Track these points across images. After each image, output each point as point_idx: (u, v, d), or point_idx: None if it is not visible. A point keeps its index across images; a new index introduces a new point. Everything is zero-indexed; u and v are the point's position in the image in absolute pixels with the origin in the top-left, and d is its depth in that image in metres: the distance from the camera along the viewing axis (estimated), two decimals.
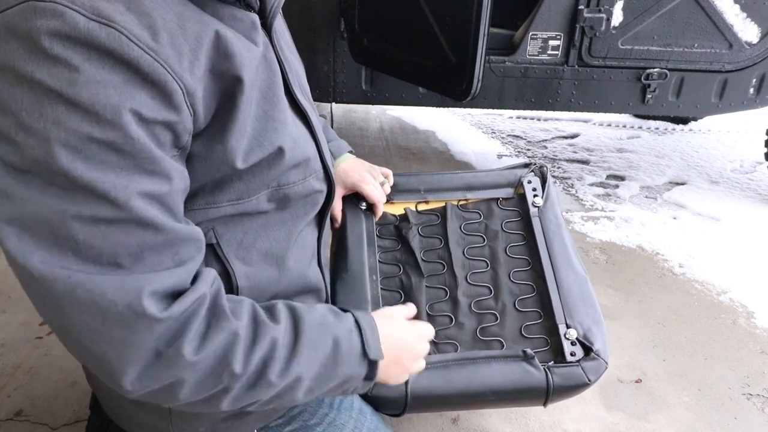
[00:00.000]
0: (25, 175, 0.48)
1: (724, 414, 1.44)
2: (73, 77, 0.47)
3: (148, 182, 0.51)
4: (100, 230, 0.49)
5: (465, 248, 1.06)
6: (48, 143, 0.47)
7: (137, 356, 0.52)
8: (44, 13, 0.46)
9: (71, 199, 0.48)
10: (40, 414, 1.32)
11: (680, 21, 2.32)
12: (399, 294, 1.01)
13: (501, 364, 0.91)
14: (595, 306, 0.98)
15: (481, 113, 4.37)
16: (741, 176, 3.25)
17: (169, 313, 0.52)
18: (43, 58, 0.46)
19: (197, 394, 0.57)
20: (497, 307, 1.00)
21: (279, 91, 0.67)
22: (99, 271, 0.50)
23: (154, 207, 0.52)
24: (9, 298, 1.74)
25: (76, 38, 0.46)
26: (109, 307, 0.50)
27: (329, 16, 2.40)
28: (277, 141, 0.65)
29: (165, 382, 0.54)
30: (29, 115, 0.47)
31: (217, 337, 0.56)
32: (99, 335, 0.51)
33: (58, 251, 0.49)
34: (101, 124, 0.48)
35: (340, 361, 0.66)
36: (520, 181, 1.12)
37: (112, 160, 0.49)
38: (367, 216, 1.08)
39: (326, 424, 0.83)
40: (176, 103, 0.52)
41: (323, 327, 0.66)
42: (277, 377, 0.60)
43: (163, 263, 0.53)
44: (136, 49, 0.48)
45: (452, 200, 1.12)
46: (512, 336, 0.96)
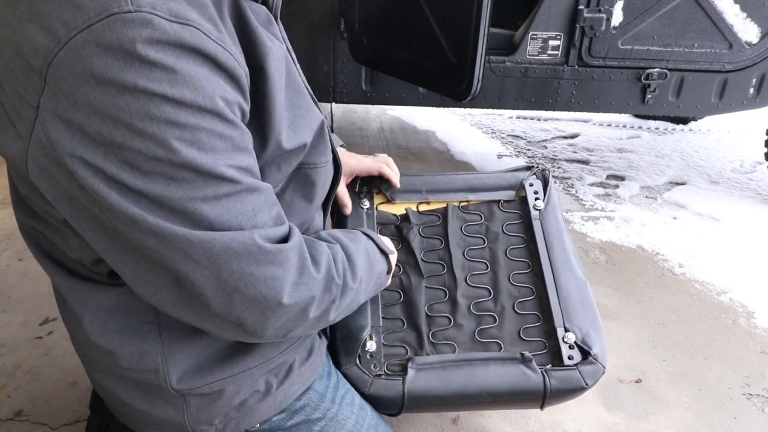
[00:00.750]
0: (151, 175, 0.52)
1: (724, 414, 1.44)
2: (172, 78, 0.50)
3: (244, 156, 0.58)
4: (223, 204, 0.56)
5: (465, 249, 1.06)
6: (166, 142, 0.51)
7: (284, 284, 0.61)
8: (133, 23, 0.48)
9: (194, 186, 0.54)
10: (40, 414, 1.32)
11: (680, 21, 2.32)
12: (398, 293, 1.01)
13: (499, 366, 0.91)
14: (594, 310, 0.98)
15: (481, 113, 4.37)
16: (741, 176, 3.25)
17: (292, 243, 0.63)
18: (140, 66, 0.49)
19: (319, 309, 0.68)
20: (496, 309, 1.00)
21: (297, 77, 0.73)
22: (237, 231, 0.57)
23: (252, 175, 0.59)
24: (9, 298, 1.74)
25: (167, 41, 0.50)
26: (259, 248, 0.58)
27: (329, 16, 2.40)
28: (307, 128, 0.71)
29: (303, 303, 0.65)
30: (141, 121, 0.50)
31: (322, 259, 0.68)
32: (253, 277, 0.59)
33: (199, 228, 0.56)
34: (204, 114, 0.53)
35: (373, 262, 0.82)
36: (521, 184, 1.12)
37: (218, 145, 0.54)
38: (369, 215, 1.08)
39: (328, 419, 0.83)
40: (243, 86, 0.57)
41: (354, 242, 0.79)
42: (352, 281, 0.74)
43: (267, 217, 0.62)
44: (212, 43, 0.53)
45: (454, 201, 1.12)
46: (510, 338, 0.97)
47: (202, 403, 0.74)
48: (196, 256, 0.56)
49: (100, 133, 0.50)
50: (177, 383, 0.71)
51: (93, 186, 0.52)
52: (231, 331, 0.64)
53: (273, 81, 0.63)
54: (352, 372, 0.91)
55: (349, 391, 0.88)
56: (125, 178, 0.52)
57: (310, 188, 0.77)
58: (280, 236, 0.63)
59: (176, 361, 0.70)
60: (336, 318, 0.75)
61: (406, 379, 0.89)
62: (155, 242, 0.55)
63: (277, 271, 0.60)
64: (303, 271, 0.64)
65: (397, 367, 0.92)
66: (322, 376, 0.86)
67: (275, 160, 0.68)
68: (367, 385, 0.90)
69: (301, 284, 0.64)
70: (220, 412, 0.75)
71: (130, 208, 0.53)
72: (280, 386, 0.79)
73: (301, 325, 0.67)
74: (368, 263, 0.80)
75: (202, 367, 0.72)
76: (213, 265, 0.57)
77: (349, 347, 0.92)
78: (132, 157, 0.51)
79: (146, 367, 0.70)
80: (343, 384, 0.88)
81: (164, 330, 0.69)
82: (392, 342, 0.96)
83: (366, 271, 0.79)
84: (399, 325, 0.98)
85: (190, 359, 0.71)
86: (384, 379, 0.90)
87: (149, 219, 0.54)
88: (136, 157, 0.51)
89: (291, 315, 0.64)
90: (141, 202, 0.53)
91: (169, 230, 0.54)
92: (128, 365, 0.70)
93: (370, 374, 0.90)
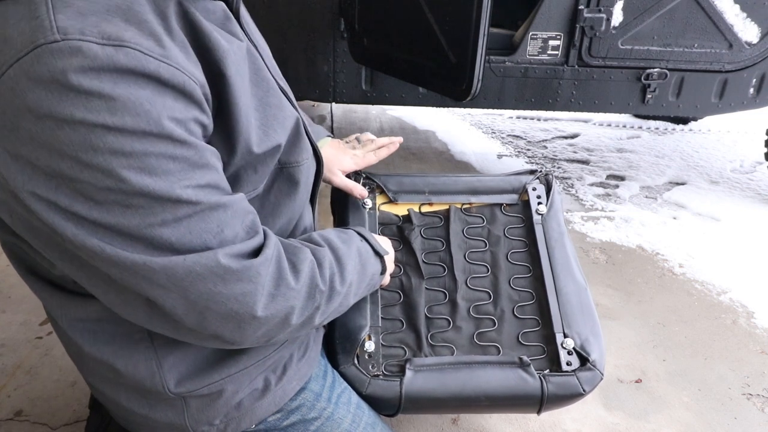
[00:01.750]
0: (104, 204, 0.51)
1: (724, 414, 1.44)
2: (111, 105, 0.48)
3: (203, 174, 0.56)
4: (184, 226, 0.55)
5: (466, 252, 1.06)
6: (114, 172, 0.49)
7: (257, 299, 0.60)
8: (62, 53, 0.46)
9: (151, 212, 0.52)
10: (40, 414, 1.32)
11: (680, 21, 2.32)
12: (398, 294, 1.01)
13: (497, 370, 0.91)
14: (594, 316, 0.98)
15: (481, 113, 4.37)
16: (741, 176, 3.25)
17: (265, 256, 0.61)
18: (76, 96, 0.47)
19: (302, 316, 0.67)
20: (496, 312, 1.00)
21: (265, 74, 0.70)
22: (200, 253, 0.56)
23: (216, 192, 0.58)
24: (9, 298, 1.74)
25: (101, 68, 0.47)
26: (224, 269, 0.57)
27: (329, 16, 2.39)
28: (280, 128, 0.69)
29: (282, 313, 0.63)
30: (85, 153, 0.49)
31: (304, 267, 0.67)
32: (222, 296, 0.58)
33: (160, 253, 0.54)
34: (151, 139, 0.50)
35: (365, 263, 0.81)
36: (524, 188, 1.12)
37: (171, 167, 0.52)
38: (370, 215, 1.08)
39: (324, 418, 0.83)
40: (197, 99, 0.55)
41: (346, 244, 0.78)
42: (340, 286, 0.73)
43: (238, 229, 0.60)
44: (153, 61, 0.50)
45: (456, 203, 1.12)
46: (509, 342, 0.96)
47: (202, 404, 0.74)
48: (160, 281, 0.55)
49: (48, 166, 0.49)
50: (175, 387, 0.71)
51: (49, 219, 0.51)
52: (211, 342, 0.64)
53: (235, 85, 0.60)
54: (349, 372, 0.91)
55: (345, 390, 0.88)
56: (79, 209, 0.51)
57: (295, 186, 0.76)
58: (252, 249, 0.61)
59: (171, 366, 0.70)
60: (324, 321, 0.75)
61: (404, 381, 0.89)
62: (118, 271, 0.54)
63: (247, 287, 0.59)
64: (280, 282, 0.63)
65: (395, 367, 0.92)
66: (318, 376, 0.86)
67: (249, 163, 0.66)
68: (364, 385, 0.90)
69: (278, 296, 0.62)
70: (221, 412, 0.75)
71: (88, 239, 0.52)
72: (278, 383, 0.79)
73: (283, 332, 0.67)
74: (360, 265, 0.79)
75: (200, 369, 0.72)
76: (179, 289, 0.56)
77: (347, 347, 0.92)
78: (83, 189, 0.50)
79: (142, 374, 0.70)
80: (339, 383, 0.88)
81: (156, 337, 0.69)
82: (391, 342, 0.95)
83: (357, 272, 0.78)
84: (398, 326, 0.98)
85: (185, 363, 0.71)
86: (381, 380, 0.90)
87: (107, 249, 0.52)
88: (87, 189, 0.50)
89: (270, 325, 0.64)
90: (98, 232, 0.52)
91: (129, 259, 0.53)
92: (124, 373, 0.70)
93: (368, 374, 0.90)
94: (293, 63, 2.46)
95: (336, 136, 1.16)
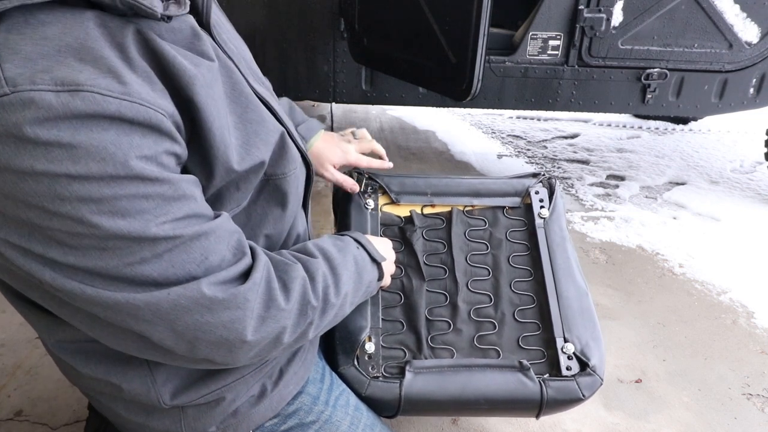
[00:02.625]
0: (80, 249, 0.50)
1: (724, 414, 1.44)
2: (72, 154, 0.46)
3: (181, 206, 0.54)
4: (165, 260, 0.53)
5: (468, 255, 1.06)
6: (84, 219, 0.48)
7: (246, 324, 0.59)
8: (13, 106, 0.44)
9: (129, 252, 0.51)
10: (40, 414, 1.32)
11: (680, 21, 2.32)
12: (399, 296, 1.01)
13: (496, 373, 0.91)
14: (595, 321, 0.98)
15: (481, 113, 4.37)
16: (741, 176, 3.25)
17: (253, 280, 0.60)
18: (34, 149, 0.45)
19: (294, 334, 0.66)
20: (496, 315, 1.00)
21: (244, 88, 0.67)
22: (184, 285, 0.55)
23: (196, 221, 0.56)
24: None
25: (56, 117, 0.45)
26: (210, 300, 0.56)
27: (329, 16, 2.39)
28: (263, 145, 0.66)
29: (273, 335, 0.63)
30: (51, 203, 0.47)
31: (294, 286, 0.65)
32: (210, 325, 0.57)
33: (143, 289, 0.53)
34: (119, 182, 0.49)
35: (362, 272, 0.80)
36: (527, 191, 1.12)
37: (145, 206, 0.51)
38: (372, 216, 1.08)
39: (322, 422, 0.83)
40: (167, 131, 0.52)
41: (342, 251, 0.77)
42: (335, 298, 0.72)
43: (225, 252, 0.59)
44: (113, 102, 0.47)
45: (458, 205, 1.12)
46: (509, 346, 0.96)
47: (199, 413, 0.74)
48: (145, 317, 0.54)
49: (17, 216, 0.48)
50: (171, 400, 0.70)
51: (25, 266, 0.50)
52: (204, 365, 0.64)
53: (206, 110, 0.57)
54: (349, 373, 0.90)
55: (343, 392, 0.88)
56: (54, 255, 0.50)
57: (283, 196, 0.74)
58: (239, 273, 0.60)
59: (165, 380, 0.70)
60: (318, 334, 0.74)
61: (404, 382, 0.89)
62: (101, 310, 0.53)
63: (235, 314, 0.58)
64: (270, 304, 0.62)
65: (394, 369, 0.92)
66: (315, 380, 0.86)
67: (231, 182, 0.64)
68: (364, 386, 0.90)
69: (268, 318, 0.61)
70: (217, 419, 0.75)
71: (67, 282, 0.51)
72: (274, 388, 0.79)
73: (276, 350, 0.66)
74: (356, 274, 0.78)
75: (195, 381, 0.71)
76: (165, 322, 0.55)
77: (347, 348, 0.92)
78: (55, 236, 0.49)
79: (136, 390, 0.69)
80: (337, 386, 0.88)
81: None
82: (391, 344, 0.95)
83: (353, 282, 0.77)
84: (398, 328, 0.98)
85: (179, 377, 0.70)
86: (381, 381, 0.90)
87: (88, 291, 0.51)
88: (59, 235, 0.49)
89: (262, 346, 0.63)
90: (77, 275, 0.51)
91: (111, 299, 0.52)
92: (119, 390, 0.69)
93: (368, 376, 0.90)
94: (293, 63, 2.46)
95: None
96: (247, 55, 0.77)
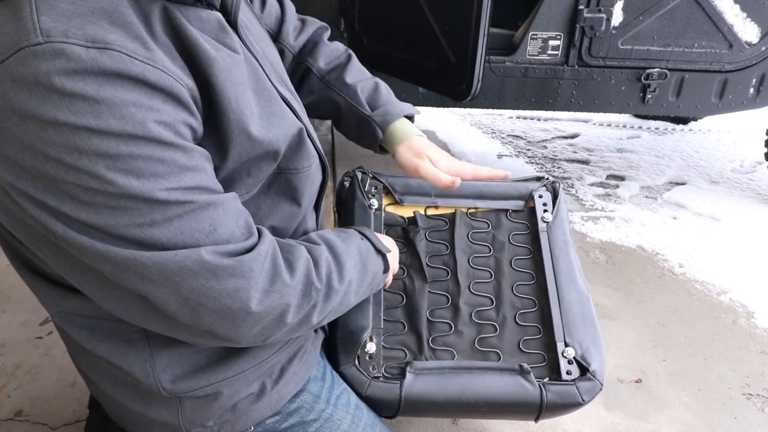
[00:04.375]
0: (92, 205, 0.51)
1: (724, 414, 1.44)
2: (95, 108, 0.48)
3: (193, 176, 0.55)
4: (175, 226, 0.54)
5: (470, 257, 1.06)
6: (99, 174, 0.49)
7: (250, 294, 0.60)
8: (45, 55, 0.46)
9: (139, 213, 0.52)
10: (40, 414, 1.32)
11: (680, 21, 2.32)
12: (401, 296, 1.01)
13: (497, 376, 0.91)
14: (596, 326, 0.98)
15: (481, 113, 4.37)
16: (741, 176, 3.25)
17: (258, 251, 0.61)
18: (59, 99, 0.47)
19: (298, 315, 0.66)
20: (497, 318, 0.99)
21: (267, 84, 0.69)
22: (192, 249, 0.56)
23: (207, 192, 0.57)
24: (9, 298, 1.74)
25: (84, 70, 0.47)
26: (216, 266, 0.56)
27: (329, 16, 2.40)
28: (281, 135, 0.68)
29: (277, 310, 0.63)
30: (69, 155, 0.48)
31: (299, 265, 0.66)
32: (215, 291, 0.57)
33: (152, 251, 0.54)
34: (137, 142, 0.50)
35: (366, 262, 0.79)
36: (531, 195, 1.12)
37: (160, 170, 0.52)
38: (376, 215, 1.08)
39: (323, 420, 0.83)
40: (185, 102, 0.54)
41: (345, 242, 0.77)
42: (338, 284, 0.72)
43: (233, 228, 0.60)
44: (138, 64, 0.50)
45: (462, 207, 1.12)
46: (510, 349, 0.96)
47: (196, 406, 0.74)
48: (152, 276, 0.55)
49: (34, 167, 0.49)
50: (170, 387, 0.71)
51: (39, 217, 0.52)
52: (206, 340, 0.64)
53: (222, 93, 0.59)
54: (350, 372, 0.90)
55: (344, 391, 0.88)
56: (67, 210, 0.51)
57: (294, 191, 0.75)
58: (247, 248, 0.61)
59: (165, 366, 0.70)
60: (322, 321, 0.74)
61: (404, 383, 0.89)
62: (110, 267, 0.54)
63: (240, 283, 0.59)
64: (275, 278, 0.62)
65: (395, 370, 0.92)
66: (317, 378, 0.86)
67: (243, 167, 0.65)
68: (364, 386, 0.90)
69: (273, 292, 0.62)
70: (215, 414, 0.75)
71: (78, 237, 0.52)
72: (274, 387, 0.79)
73: (280, 331, 0.66)
74: (361, 263, 0.78)
75: (195, 371, 0.72)
76: (171, 284, 0.56)
77: (348, 347, 0.92)
78: (69, 190, 0.50)
79: (137, 373, 0.70)
80: (338, 385, 0.88)
81: (152, 337, 0.69)
82: (392, 345, 0.95)
83: (358, 271, 0.77)
84: (400, 328, 0.98)
85: (180, 364, 0.71)
86: (382, 382, 0.90)
87: (98, 246, 0.52)
88: (73, 190, 0.50)
89: (265, 322, 0.63)
90: (88, 231, 0.52)
91: (120, 255, 0.53)
92: (119, 370, 0.70)
93: (368, 376, 0.90)
94: None
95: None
96: (273, 58, 0.79)
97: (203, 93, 0.58)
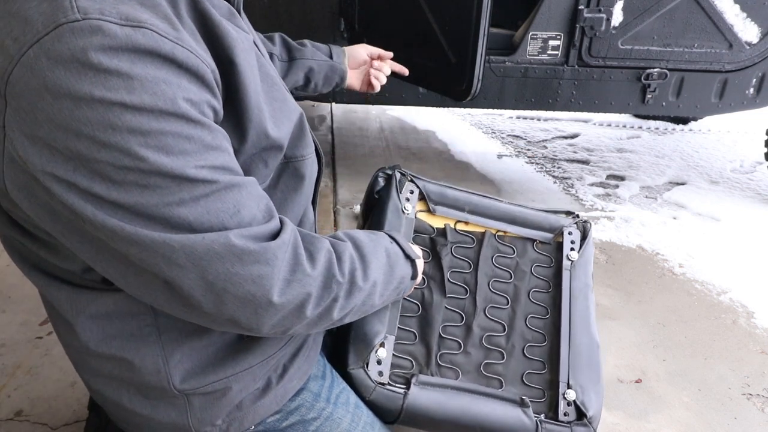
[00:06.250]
0: (123, 184, 0.52)
1: (724, 414, 1.44)
2: (128, 84, 0.49)
3: (217, 155, 0.56)
4: (201, 205, 0.55)
5: (491, 280, 1.06)
6: (132, 151, 0.50)
7: (273, 282, 0.60)
8: (82, 31, 0.47)
9: (168, 191, 0.53)
10: (40, 414, 1.32)
11: (680, 21, 2.32)
12: (417, 306, 1.01)
13: (497, 404, 0.91)
14: (600, 375, 0.98)
15: (481, 113, 4.37)
16: (741, 176, 3.25)
17: (282, 239, 0.62)
18: (95, 75, 0.48)
19: (318, 307, 0.66)
20: (506, 346, 0.99)
21: (270, 69, 0.71)
22: (218, 232, 0.57)
23: (230, 172, 0.58)
24: (9, 298, 1.74)
25: (119, 47, 0.48)
26: (242, 250, 0.57)
27: (329, 16, 2.40)
28: (286, 120, 0.70)
29: (297, 300, 0.63)
30: (103, 132, 0.49)
31: (320, 256, 0.66)
32: (240, 277, 0.58)
33: (179, 232, 0.55)
34: (167, 118, 0.51)
35: (394, 266, 0.80)
36: (561, 230, 1.12)
37: (187, 147, 0.53)
38: (408, 221, 1.07)
39: (323, 419, 0.83)
40: (209, 83, 0.56)
41: (373, 242, 0.78)
42: (362, 281, 0.72)
43: (255, 211, 0.61)
44: (168, 43, 0.51)
45: (492, 228, 1.11)
46: (513, 379, 0.97)
47: (205, 403, 0.74)
48: (179, 260, 0.55)
49: (66, 147, 0.50)
50: (180, 383, 0.71)
51: (69, 200, 0.52)
52: (228, 327, 0.64)
53: (244, 73, 0.61)
54: (357, 375, 0.90)
55: (344, 390, 0.88)
56: (98, 190, 0.51)
57: (300, 181, 0.76)
58: (270, 232, 0.62)
59: (177, 361, 0.70)
60: (344, 318, 0.73)
61: (408, 395, 0.89)
62: (137, 250, 0.54)
63: (264, 270, 0.59)
64: (296, 267, 0.63)
65: (400, 379, 0.92)
66: (317, 376, 0.86)
67: (260, 154, 0.66)
68: (369, 391, 0.89)
69: (294, 281, 0.63)
70: (223, 411, 0.75)
71: (108, 219, 0.53)
72: (279, 382, 0.79)
73: (300, 323, 0.67)
74: (388, 266, 0.78)
75: (205, 367, 0.72)
76: (197, 268, 0.56)
77: (360, 348, 0.92)
78: (101, 169, 0.51)
79: (148, 369, 0.70)
80: (338, 383, 0.88)
81: (164, 332, 0.69)
82: (401, 353, 0.95)
83: (384, 273, 0.77)
84: (411, 338, 0.97)
85: (191, 359, 0.71)
86: (387, 389, 0.90)
87: (127, 228, 0.53)
88: (105, 168, 0.51)
89: (286, 312, 0.63)
90: (117, 212, 0.53)
91: (148, 238, 0.54)
92: (129, 369, 0.70)
93: (375, 381, 0.90)
94: None
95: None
96: (265, 51, 0.82)
97: (222, 76, 0.59)
